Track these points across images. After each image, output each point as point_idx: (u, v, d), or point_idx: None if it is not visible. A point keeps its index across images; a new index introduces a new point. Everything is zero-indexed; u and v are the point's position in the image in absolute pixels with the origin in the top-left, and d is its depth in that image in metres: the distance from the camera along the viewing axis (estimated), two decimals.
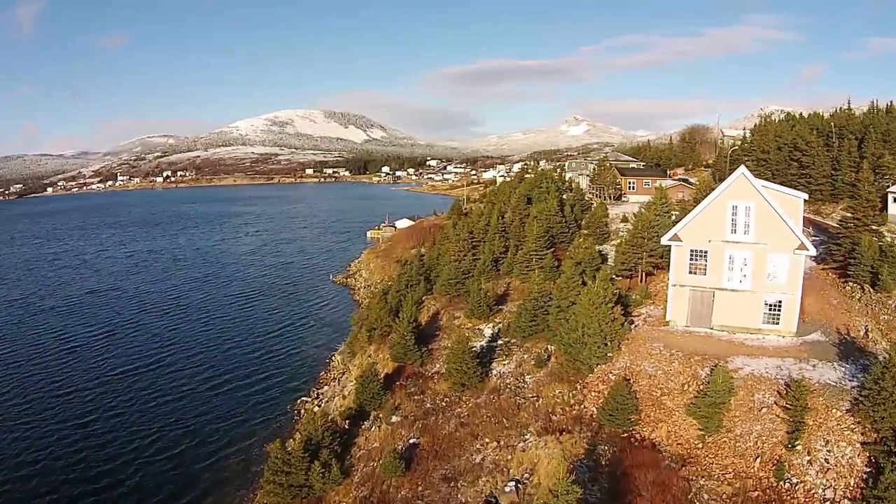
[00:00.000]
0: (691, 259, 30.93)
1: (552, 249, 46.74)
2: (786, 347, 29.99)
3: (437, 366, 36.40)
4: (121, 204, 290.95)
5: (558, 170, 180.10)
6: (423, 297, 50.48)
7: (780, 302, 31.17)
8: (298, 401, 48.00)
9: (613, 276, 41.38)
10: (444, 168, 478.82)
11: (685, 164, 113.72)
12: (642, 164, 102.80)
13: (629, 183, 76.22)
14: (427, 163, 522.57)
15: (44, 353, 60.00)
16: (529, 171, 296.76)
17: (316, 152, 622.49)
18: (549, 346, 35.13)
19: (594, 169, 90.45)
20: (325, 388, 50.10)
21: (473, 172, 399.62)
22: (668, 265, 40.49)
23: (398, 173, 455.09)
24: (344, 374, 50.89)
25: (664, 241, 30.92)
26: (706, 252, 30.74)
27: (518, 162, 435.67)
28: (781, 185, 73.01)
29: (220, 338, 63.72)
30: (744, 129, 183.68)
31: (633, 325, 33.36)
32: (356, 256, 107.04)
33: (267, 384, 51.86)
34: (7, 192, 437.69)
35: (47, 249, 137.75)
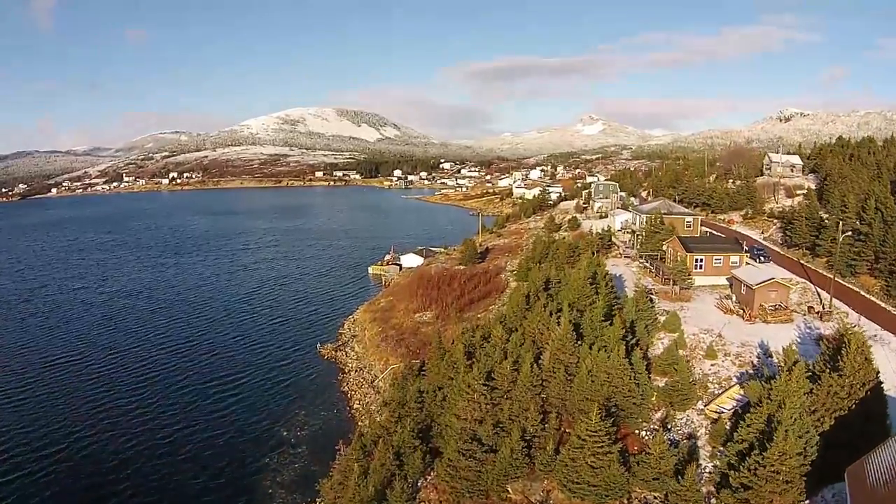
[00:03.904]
0: None
1: (616, 439, 31.32)
2: None
3: None
4: (121, 215, 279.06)
5: (584, 193, 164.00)
6: (420, 482, 35.57)
7: None
8: None
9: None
10: (458, 171, 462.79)
11: (743, 210, 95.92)
12: (697, 212, 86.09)
13: (696, 260, 60.54)
14: (440, 165, 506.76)
15: None
16: (548, 181, 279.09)
17: (327, 153, 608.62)
18: None
19: (645, 225, 74.18)
20: None
21: (489, 178, 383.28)
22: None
23: (410, 178, 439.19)
24: None
25: None
26: None
27: (535, 166, 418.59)
28: (891, 274, 57.69)
29: (172, 473, 49.53)
30: (790, 152, 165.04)
31: None
32: (352, 311, 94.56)
33: None
34: (11, 192, 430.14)
35: (23, 284, 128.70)
